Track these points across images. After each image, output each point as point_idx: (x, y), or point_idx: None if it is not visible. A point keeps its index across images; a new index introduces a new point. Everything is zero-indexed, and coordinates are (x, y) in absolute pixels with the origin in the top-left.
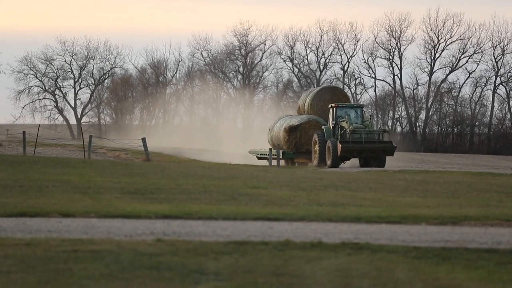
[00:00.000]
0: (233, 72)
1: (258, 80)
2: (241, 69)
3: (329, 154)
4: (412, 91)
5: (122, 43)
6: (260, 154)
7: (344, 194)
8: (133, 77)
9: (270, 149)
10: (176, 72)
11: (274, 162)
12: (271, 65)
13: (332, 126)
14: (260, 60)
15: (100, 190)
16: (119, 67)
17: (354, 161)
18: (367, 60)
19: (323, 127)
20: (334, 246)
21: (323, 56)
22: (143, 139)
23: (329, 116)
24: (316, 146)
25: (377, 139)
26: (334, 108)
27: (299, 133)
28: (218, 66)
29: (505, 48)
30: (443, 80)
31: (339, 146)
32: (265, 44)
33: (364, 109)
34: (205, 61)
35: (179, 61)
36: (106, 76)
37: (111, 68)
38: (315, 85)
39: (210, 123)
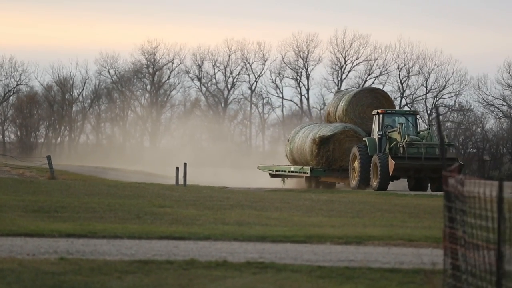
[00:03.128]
0: (140, 90)
1: (165, 99)
2: (148, 87)
3: (375, 173)
4: (319, 111)
5: (28, 60)
6: (276, 171)
7: (250, 213)
8: (39, 94)
9: (302, 167)
10: (82, 90)
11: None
12: (178, 83)
13: (379, 138)
14: (168, 79)
15: (2, 208)
16: (25, 84)
17: (401, 182)
18: (275, 80)
19: (364, 138)
20: (239, 265)
21: (231, 75)
22: (48, 157)
23: (373, 125)
24: (356, 162)
25: (440, 155)
26: (381, 115)
27: (332, 146)
28: (125, 84)
29: (410, 70)
30: None
31: (391, 163)
32: (173, 63)
33: (418, 117)
34: (112, 79)
35: (86, 79)
36: (11, 93)
37: (16, 85)
38: (222, 105)
39: (117, 141)
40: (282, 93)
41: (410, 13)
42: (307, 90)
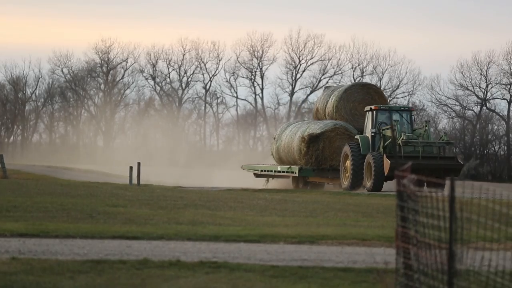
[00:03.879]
0: (94, 89)
1: (119, 98)
2: (102, 86)
3: (369, 173)
4: (273, 111)
5: None
6: (261, 171)
7: (203, 213)
8: None
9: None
10: (35, 89)
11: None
12: (133, 83)
13: (372, 136)
14: (122, 78)
15: None
16: None
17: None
18: (229, 79)
19: (356, 136)
20: (192, 265)
21: (185, 75)
22: (0, 156)
23: (366, 122)
24: (348, 161)
25: (438, 154)
26: (374, 112)
27: (322, 144)
28: (79, 83)
29: (364, 70)
30: (304, 100)
31: (387, 162)
32: (127, 62)
33: (413, 113)
34: (65, 78)
35: (39, 78)
36: None
37: None
38: (177, 104)
39: (70, 140)
40: (236, 92)
41: (364, 13)
42: (262, 89)
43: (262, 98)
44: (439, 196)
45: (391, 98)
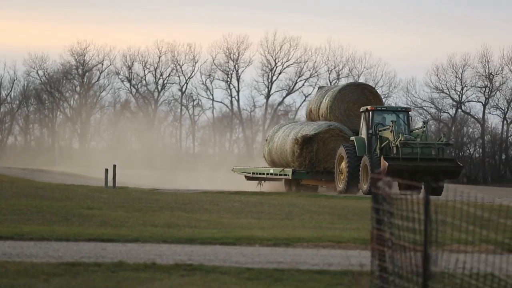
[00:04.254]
0: (69, 91)
1: (95, 100)
2: (78, 88)
3: (365, 175)
4: (249, 113)
5: None
6: (252, 173)
7: (179, 216)
8: None
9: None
10: (11, 91)
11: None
12: (108, 85)
13: (368, 137)
14: (98, 80)
15: None
16: None
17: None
18: (205, 81)
19: (352, 138)
20: (167, 268)
21: (161, 77)
22: None
23: (361, 123)
24: (343, 163)
25: (437, 156)
26: (370, 112)
27: (316, 146)
28: (54, 85)
29: (340, 72)
30: (280, 103)
31: (384, 164)
32: (102, 64)
33: (410, 114)
34: (41, 80)
35: (14, 80)
36: None
37: None
38: (153, 106)
39: (46, 143)
40: (212, 95)
41: (340, 16)
42: (238, 92)
43: (238, 101)
44: (414, 199)
45: None
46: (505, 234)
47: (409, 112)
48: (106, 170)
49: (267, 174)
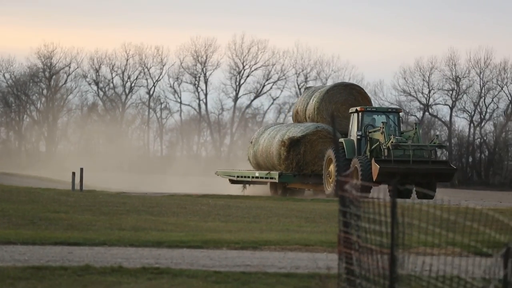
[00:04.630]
0: (36, 94)
1: (62, 103)
2: (45, 91)
3: (355, 178)
4: (217, 116)
5: None
6: (237, 177)
7: (146, 219)
8: None
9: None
10: None
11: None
12: (76, 88)
13: (358, 139)
14: (65, 83)
15: None
16: None
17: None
18: (173, 84)
19: (341, 139)
20: (134, 271)
21: (128, 80)
22: None
23: (351, 125)
24: (332, 166)
25: (429, 158)
26: (360, 113)
27: (303, 148)
28: (21, 88)
29: (308, 75)
30: (248, 106)
31: (376, 166)
32: (69, 67)
33: (401, 115)
34: (7, 83)
35: None
36: None
37: None
38: (120, 109)
39: (12, 146)
40: (180, 98)
41: (308, 19)
42: (205, 95)
43: (206, 104)
44: (380, 201)
45: None
46: (471, 237)
47: (400, 113)
48: (73, 173)
49: (253, 177)
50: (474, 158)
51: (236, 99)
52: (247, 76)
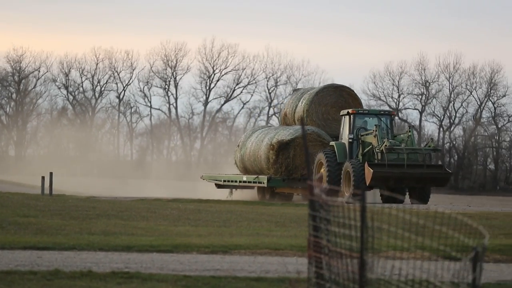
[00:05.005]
0: (5, 98)
1: (31, 107)
2: (14, 95)
3: (347, 182)
4: (187, 120)
5: None
6: (224, 181)
7: (116, 223)
8: None
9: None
10: None
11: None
12: (45, 92)
13: (349, 142)
14: (34, 87)
15: None
16: None
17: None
18: (143, 88)
19: (332, 143)
20: (104, 275)
21: (98, 84)
22: None
23: (342, 127)
24: (323, 170)
25: (424, 162)
26: (351, 116)
27: (293, 152)
28: None
29: (278, 80)
30: (218, 110)
31: (369, 171)
32: (39, 71)
33: (393, 117)
34: None
35: None
36: None
37: None
38: (90, 113)
39: None
40: (150, 102)
41: (278, 23)
42: (176, 99)
43: (176, 108)
44: (350, 206)
45: None
46: (440, 241)
47: (393, 116)
48: (43, 177)
49: (240, 181)
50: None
51: (206, 103)
52: (217, 81)
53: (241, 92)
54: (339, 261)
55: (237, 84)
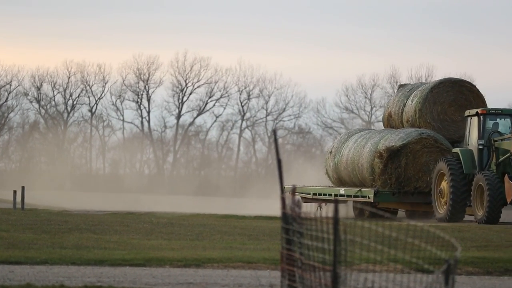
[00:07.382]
0: None
1: (3, 121)
2: None
3: (479, 199)
4: (160, 134)
5: None
6: (313, 194)
7: (88, 237)
8: None
9: (360, 189)
10: None
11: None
12: (17, 106)
13: (480, 149)
14: (6, 101)
15: None
16: None
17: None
18: (115, 102)
19: (455, 149)
20: None
21: (70, 98)
22: None
23: (468, 131)
24: (445, 183)
25: None
26: (481, 117)
27: (405, 160)
28: None
29: (250, 93)
30: (191, 123)
31: (510, 184)
32: (10, 85)
33: None
34: None
35: None
36: None
37: None
38: (62, 127)
39: None
40: (122, 115)
41: (250, 36)
42: (148, 112)
43: (148, 121)
44: (323, 218)
45: (277, 121)
46: (412, 254)
47: None
48: (15, 191)
49: (335, 195)
50: None
51: (179, 116)
52: (190, 94)
53: (214, 105)
54: (312, 274)
55: (210, 97)
